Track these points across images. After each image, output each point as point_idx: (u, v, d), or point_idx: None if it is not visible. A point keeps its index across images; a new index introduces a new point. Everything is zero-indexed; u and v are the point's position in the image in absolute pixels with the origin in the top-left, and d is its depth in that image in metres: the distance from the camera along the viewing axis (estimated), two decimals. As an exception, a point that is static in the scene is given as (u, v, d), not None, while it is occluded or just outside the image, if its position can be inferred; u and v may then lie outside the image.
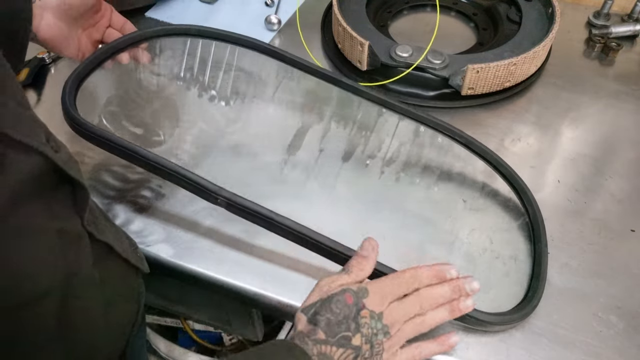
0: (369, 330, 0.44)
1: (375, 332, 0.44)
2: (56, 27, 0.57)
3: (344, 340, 0.43)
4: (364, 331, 0.43)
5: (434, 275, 0.47)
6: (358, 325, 0.43)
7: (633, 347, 0.49)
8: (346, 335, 0.43)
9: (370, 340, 0.44)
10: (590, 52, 0.81)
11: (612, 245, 0.57)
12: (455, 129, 0.63)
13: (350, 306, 0.44)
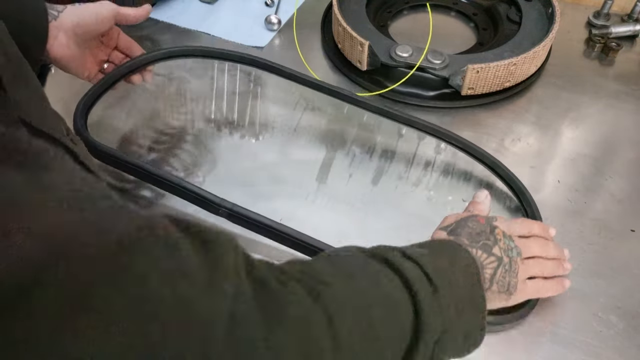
0: (505, 244, 0.47)
1: (510, 248, 0.47)
2: (68, 47, 0.58)
3: (486, 247, 0.45)
4: (501, 244, 0.46)
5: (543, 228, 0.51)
6: (495, 239, 0.46)
7: (633, 347, 0.49)
8: (487, 243, 0.46)
9: (508, 254, 0.46)
10: (590, 52, 0.81)
11: (612, 245, 0.57)
12: (452, 134, 0.64)
13: (484, 225, 0.47)
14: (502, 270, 0.45)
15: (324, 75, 0.77)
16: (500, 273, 0.45)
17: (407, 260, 0.38)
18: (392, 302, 0.35)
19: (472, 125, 0.70)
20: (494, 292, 0.45)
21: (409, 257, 0.39)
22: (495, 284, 0.45)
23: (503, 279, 0.45)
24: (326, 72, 0.78)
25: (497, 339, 0.50)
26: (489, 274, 0.44)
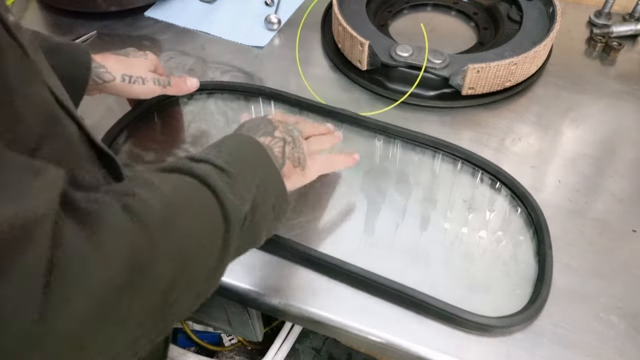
0: (284, 128, 0.51)
1: (290, 130, 0.52)
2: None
3: (268, 133, 0.50)
4: (281, 128, 0.51)
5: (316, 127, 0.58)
6: (273, 126, 0.51)
7: (634, 348, 0.49)
8: (267, 130, 0.50)
9: (290, 133, 0.51)
10: (591, 51, 0.81)
11: (613, 245, 0.57)
12: (453, 145, 0.64)
13: (258, 120, 0.52)
14: (289, 147, 0.50)
15: (324, 75, 0.77)
16: (289, 150, 0.50)
17: (195, 162, 0.40)
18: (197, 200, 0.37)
19: (472, 125, 0.69)
20: (289, 168, 0.50)
21: (197, 159, 0.41)
22: (287, 160, 0.49)
23: (293, 155, 0.50)
24: (326, 72, 0.78)
25: (498, 340, 0.50)
26: (277, 151, 0.48)
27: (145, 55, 0.65)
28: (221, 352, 1.07)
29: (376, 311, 0.51)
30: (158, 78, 0.63)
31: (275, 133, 0.50)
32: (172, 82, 0.64)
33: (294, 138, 0.51)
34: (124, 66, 0.61)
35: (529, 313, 0.49)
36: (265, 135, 0.49)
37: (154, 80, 0.62)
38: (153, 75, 0.63)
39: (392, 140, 0.67)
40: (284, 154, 0.49)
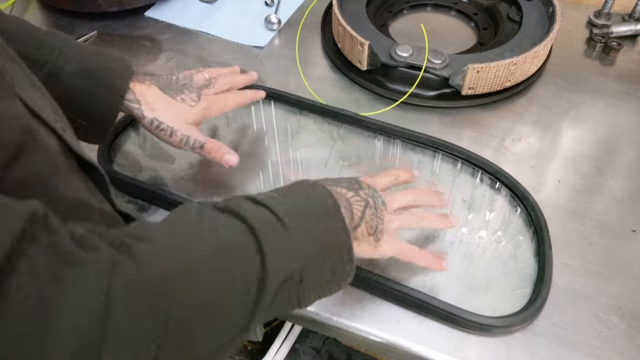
0: (369, 192, 0.46)
1: (375, 196, 0.46)
2: None
3: (354, 186, 0.45)
4: (367, 190, 0.46)
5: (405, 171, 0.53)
6: (360, 186, 0.46)
7: (634, 348, 0.49)
8: (351, 186, 0.45)
9: (374, 199, 0.46)
10: (591, 51, 0.81)
11: (613, 245, 0.57)
12: (453, 145, 0.64)
13: (349, 179, 0.47)
14: (370, 211, 0.44)
15: (324, 75, 0.77)
16: (369, 213, 0.44)
17: (255, 205, 0.37)
18: (228, 249, 0.34)
19: (472, 125, 0.70)
20: (363, 233, 0.44)
21: (258, 202, 0.38)
22: (364, 223, 0.43)
23: (371, 220, 0.44)
24: (326, 72, 0.78)
25: (498, 339, 0.50)
26: (357, 209, 0.43)
27: (196, 101, 0.57)
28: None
29: (376, 311, 0.51)
30: (188, 137, 0.55)
31: (360, 192, 0.45)
32: (206, 147, 0.55)
33: (376, 205, 0.46)
34: (162, 108, 0.55)
35: (529, 313, 0.49)
36: (349, 189, 0.45)
37: (183, 139, 0.55)
38: (186, 130, 0.55)
39: (392, 141, 0.67)
40: (363, 215, 0.44)
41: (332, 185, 0.44)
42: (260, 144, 0.68)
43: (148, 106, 0.54)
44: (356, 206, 0.43)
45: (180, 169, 0.64)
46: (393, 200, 0.49)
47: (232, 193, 0.61)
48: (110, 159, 0.64)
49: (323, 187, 0.42)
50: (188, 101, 0.57)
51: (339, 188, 0.44)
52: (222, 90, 0.60)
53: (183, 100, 0.56)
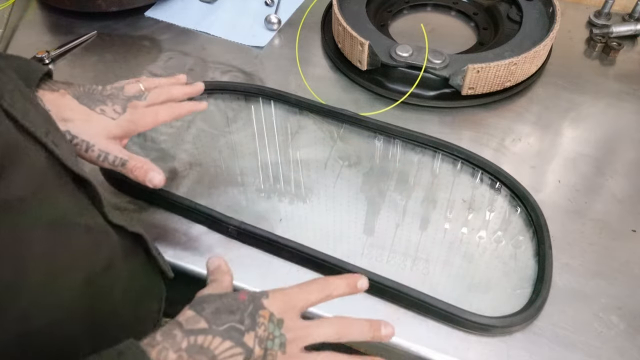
0: (265, 333, 0.37)
1: (272, 337, 0.37)
2: None
3: (235, 333, 0.36)
4: (260, 332, 0.37)
5: (346, 284, 0.42)
6: (255, 323, 0.37)
7: (634, 348, 0.49)
8: (238, 327, 0.36)
9: (265, 346, 0.36)
10: (591, 51, 0.81)
11: (613, 245, 0.57)
12: (454, 145, 0.64)
13: (245, 302, 0.38)
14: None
15: (324, 75, 0.77)
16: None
17: None
18: None
19: (472, 125, 0.70)
20: None
21: None
22: None
23: None
24: (326, 72, 0.78)
25: (498, 339, 0.50)
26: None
27: (120, 113, 0.50)
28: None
29: (376, 311, 0.51)
30: (107, 153, 0.48)
31: (245, 337, 0.36)
32: (128, 165, 0.48)
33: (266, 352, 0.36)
34: (77, 120, 0.48)
35: (529, 313, 0.49)
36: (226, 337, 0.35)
37: (101, 155, 0.48)
38: (105, 145, 0.48)
39: (392, 141, 0.67)
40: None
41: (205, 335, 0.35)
42: (260, 144, 0.68)
43: (59, 117, 0.46)
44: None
45: (180, 168, 0.64)
46: (306, 335, 0.39)
47: (232, 193, 0.61)
48: None
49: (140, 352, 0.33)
50: (109, 113, 0.50)
51: (210, 337, 0.35)
52: (157, 103, 0.53)
53: (103, 111, 0.49)
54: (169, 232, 0.58)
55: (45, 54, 0.78)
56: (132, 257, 0.44)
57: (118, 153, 0.48)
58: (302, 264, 0.55)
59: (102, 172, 0.61)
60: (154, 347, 0.34)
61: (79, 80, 0.76)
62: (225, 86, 0.73)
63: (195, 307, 0.37)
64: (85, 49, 0.81)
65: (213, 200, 0.60)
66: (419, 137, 0.66)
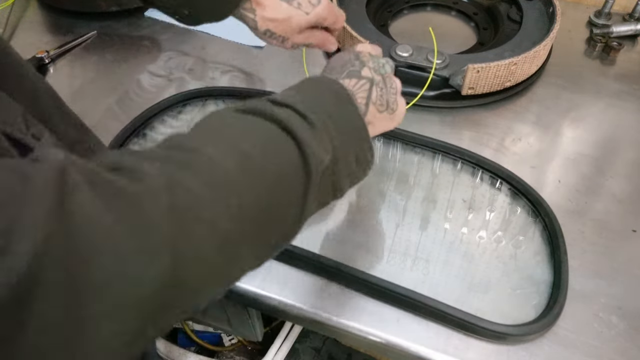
0: (374, 64, 0.46)
1: (382, 64, 0.46)
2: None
3: (354, 73, 0.44)
4: (370, 65, 0.45)
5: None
6: (362, 62, 0.45)
7: (634, 348, 0.49)
8: (353, 70, 0.45)
9: (380, 71, 0.46)
10: (591, 51, 0.81)
11: (613, 245, 0.57)
12: (465, 150, 0.64)
13: (346, 54, 0.47)
14: (377, 90, 0.45)
15: (324, 75, 0.77)
16: (376, 93, 0.45)
17: (277, 106, 0.37)
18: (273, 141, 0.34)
19: (472, 125, 0.70)
20: (374, 115, 0.44)
21: (279, 103, 0.37)
22: (372, 106, 0.44)
23: (381, 98, 0.45)
24: (326, 72, 0.78)
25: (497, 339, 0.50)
26: (361, 97, 0.43)
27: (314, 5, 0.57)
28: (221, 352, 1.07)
29: (376, 311, 0.51)
30: (300, 43, 0.60)
31: (363, 72, 0.45)
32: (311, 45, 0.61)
33: (383, 77, 0.46)
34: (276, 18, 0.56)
35: (547, 320, 0.49)
36: (350, 77, 0.44)
37: (294, 46, 0.60)
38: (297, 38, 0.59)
39: (392, 141, 0.67)
40: (368, 99, 0.44)
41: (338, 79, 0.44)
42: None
43: (262, 18, 0.56)
44: (360, 93, 0.44)
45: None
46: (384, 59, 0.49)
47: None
48: None
49: (332, 82, 0.42)
50: (304, 6, 0.57)
51: (342, 80, 0.44)
52: None
53: (299, 5, 0.57)
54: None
55: (45, 54, 0.78)
56: None
57: (305, 41, 0.60)
58: (300, 266, 0.54)
59: None
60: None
61: (79, 80, 0.76)
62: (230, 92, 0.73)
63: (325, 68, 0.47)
64: (85, 49, 0.81)
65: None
66: (418, 139, 0.65)
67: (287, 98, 0.38)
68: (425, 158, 0.65)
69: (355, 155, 0.40)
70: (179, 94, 0.71)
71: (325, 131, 0.37)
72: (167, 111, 0.71)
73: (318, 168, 0.36)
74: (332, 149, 0.37)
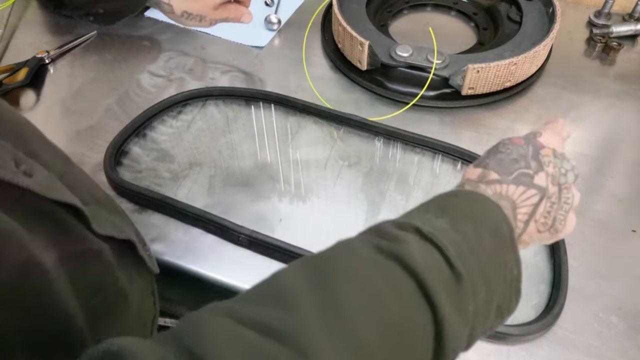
0: (555, 170, 0.37)
1: (564, 171, 0.38)
2: None
3: (525, 178, 0.36)
4: (549, 170, 0.37)
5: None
6: (540, 163, 0.37)
7: (634, 348, 0.49)
8: (526, 172, 0.37)
9: (559, 182, 0.37)
10: (591, 51, 0.81)
11: (613, 245, 0.57)
12: (465, 150, 0.64)
13: (523, 146, 0.38)
14: (546, 204, 0.37)
15: (324, 75, 0.77)
16: (543, 209, 0.36)
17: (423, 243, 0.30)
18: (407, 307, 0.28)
19: (472, 125, 0.69)
20: (532, 235, 0.37)
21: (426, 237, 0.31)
22: (532, 224, 0.36)
23: (547, 215, 0.37)
24: (326, 72, 0.78)
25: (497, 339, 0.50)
26: (524, 212, 0.36)
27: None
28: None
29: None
30: (216, 20, 0.64)
31: (537, 179, 0.36)
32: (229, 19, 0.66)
33: (560, 188, 0.37)
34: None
35: (547, 320, 0.49)
36: (518, 183, 0.36)
37: (212, 22, 0.64)
38: (213, 14, 0.63)
39: (392, 141, 0.67)
40: (531, 216, 0.36)
41: (499, 184, 0.36)
42: (260, 144, 0.68)
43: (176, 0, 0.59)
44: (523, 209, 0.36)
45: (180, 169, 0.64)
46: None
47: (232, 192, 0.61)
48: (116, 165, 0.63)
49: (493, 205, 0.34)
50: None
51: (505, 186, 0.36)
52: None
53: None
54: (169, 232, 0.58)
55: (45, 54, 0.78)
56: (125, 261, 0.43)
57: (222, 16, 0.64)
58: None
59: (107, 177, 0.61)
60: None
61: (79, 80, 0.76)
62: (231, 92, 0.73)
63: (480, 164, 0.39)
64: (85, 49, 0.81)
65: (213, 201, 0.60)
66: (418, 140, 0.65)
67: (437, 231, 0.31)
68: (425, 158, 0.65)
69: (496, 307, 0.33)
70: (179, 94, 0.71)
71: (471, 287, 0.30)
72: (167, 111, 0.71)
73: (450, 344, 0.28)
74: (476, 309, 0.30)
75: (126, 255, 0.43)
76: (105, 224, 0.39)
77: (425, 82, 0.71)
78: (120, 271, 0.41)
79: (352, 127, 0.68)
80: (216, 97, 0.73)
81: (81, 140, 0.67)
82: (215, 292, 0.55)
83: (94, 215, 0.38)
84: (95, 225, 0.37)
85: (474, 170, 0.39)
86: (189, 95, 0.72)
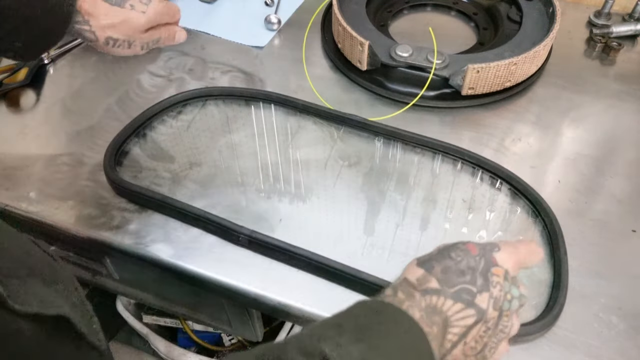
0: (501, 293, 0.35)
1: (510, 298, 0.35)
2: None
3: (466, 295, 0.34)
4: (495, 292, 0.34)
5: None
6: (487, 282, 0.34)
7: (634, 348, 0.49)
8: (469, 289, 0.34)
9: (501, 307, 0.35)
10: (591, 51, 0.81)
11: (613, 245, 0.57)
12: (465, 150, 0.64)
13: (476, 257, 0.35)
14: (481, 328, 0.34)
15: (324, 75, 0.77)
16: (476, 333, 0.34)
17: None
18: None
19: (472, 125, 0.70)
20: (457, 357, 0.34)
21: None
22: (460, 346, 0.34)
23: (479, 340, 0.34)
24: (326, 72, 0.78)
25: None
26: (454, 333, 0.33)
27: (146, 4, 0.56)
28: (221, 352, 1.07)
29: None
30: (147, 43, 0.58)
31: (478, 299, 0.34)
32: (160, 42, 0.61)
33: (501, 314, 0.35)
34: (113, 21, 0.53)
35: (547, 320, 0.49)
36: (457, 300, 0.34)
37: (143, 46, 0.58)
38: (143, 38, 0.57)
39: (392, 141, 0.67)
40: (461, 338, 0.34)
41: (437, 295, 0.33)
42: (260, 144, 0.68)
43: (98, 27, 0.52)
44: (455, 329, 0.33)
45: (180, 169, 0.64)
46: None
47: (232, 193, 0.61)
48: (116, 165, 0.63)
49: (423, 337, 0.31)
50: (138, 6, 0.55)
51: (442, 299, 0.33)
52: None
53: (132, 6, 0.55)
54: (169, 232, 0.58)
55: (45, 54, 0.78)
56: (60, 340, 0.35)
57: (153, 37, 0.58)
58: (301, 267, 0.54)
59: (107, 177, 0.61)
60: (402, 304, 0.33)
61: (79, 80, 0.76)
62: (231, 92, 0.73)
63: (425, 264, 0.35)
64: (85, 49, 0.81)
65: (213, 201, 0.60)
66: (418, 140, 0.65)
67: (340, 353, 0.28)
68: (425, 158, 0.65)
69: None
70: (179, 94, 0.71)
71: None
72: (167, 111, 0.71)
73: None
74: None
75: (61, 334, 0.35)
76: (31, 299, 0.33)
77: (425, 82, 0.71)
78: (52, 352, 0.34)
79: (352, 127, 0.68)
80: (216, 97, 0.73)
81: (81, 140, 0.67)
82: (215, 292, 0.55)
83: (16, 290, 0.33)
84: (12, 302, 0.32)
85: (416, 270, 0.36)
86: (189, 95, 0.72)
